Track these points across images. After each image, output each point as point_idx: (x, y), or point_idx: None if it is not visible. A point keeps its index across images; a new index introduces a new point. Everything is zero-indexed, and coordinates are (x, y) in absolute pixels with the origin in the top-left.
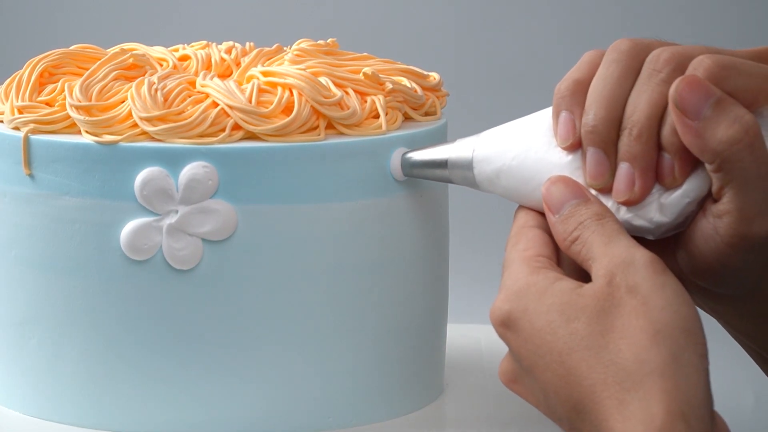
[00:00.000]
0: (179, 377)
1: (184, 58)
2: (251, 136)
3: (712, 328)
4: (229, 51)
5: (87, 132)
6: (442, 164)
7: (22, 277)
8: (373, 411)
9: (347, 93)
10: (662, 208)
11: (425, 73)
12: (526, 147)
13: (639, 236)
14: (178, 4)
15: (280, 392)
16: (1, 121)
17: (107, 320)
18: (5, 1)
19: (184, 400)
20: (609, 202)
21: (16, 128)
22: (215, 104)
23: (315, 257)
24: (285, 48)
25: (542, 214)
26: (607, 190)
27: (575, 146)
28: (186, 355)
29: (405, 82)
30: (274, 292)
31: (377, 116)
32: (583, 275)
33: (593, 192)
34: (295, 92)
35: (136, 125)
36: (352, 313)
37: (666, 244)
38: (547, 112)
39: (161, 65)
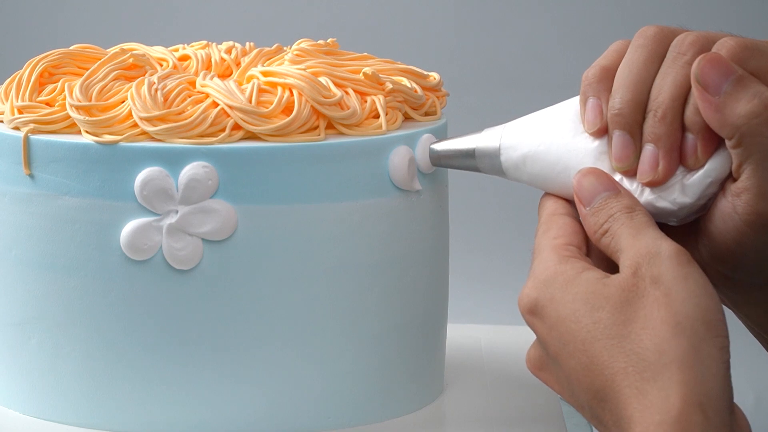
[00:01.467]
0: (179, 377)
1: (184, 58)
2: (251, 136)
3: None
4: (229, 51)
5: (87, 132)
6: (470, 154)
7: (22, 277)
8: (373, 411)
9: (347, 93)
10: (685, 188)
11: (425, 73)
12: (553, 133)
13: (662, 222)
14: (178, 4)
15: (280, 392)
16: (1, 121)
17: (107, 320)
18: (5, 1)
19: (184, 400)
20: (633, 185)
21: (16, 128)
22: (215, 104)
23: (315, 257)
24: (285, 48)
25: (569, 201)
26: (632, 172)
27: (602, 131)
28: (186, 355)
29: (405, 82)
30: (274, 292)
31: (377, 116)
32: (611, 266)
33: (618, 176)
34: (295, 92)
35: (136, 125)
36: (352, 313)
37: (688, 232)
38: (574, 101)
39: (161, 65)
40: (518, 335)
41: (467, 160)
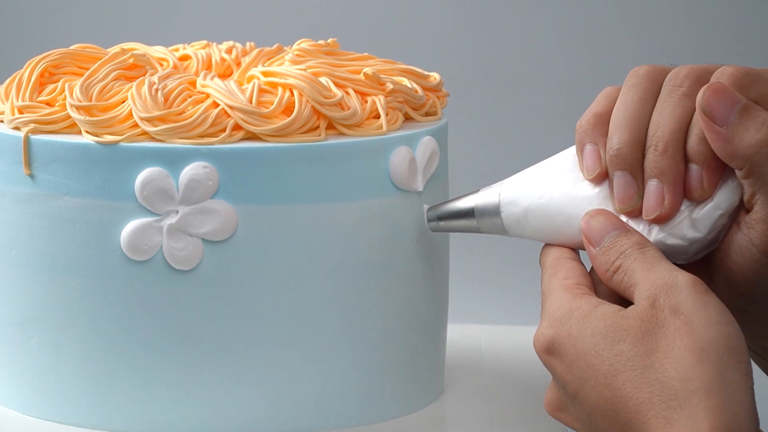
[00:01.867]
0: (179, 377)
1: (185, 58)
2: (252, 137)
3: None
4: (229, 51)
5: (87, 132)
6: (469, 213)
7: (22, 277)
8: (373, 411)
9: (348, 93)
10: (694, 223)
11: (426, 73)
12: (553, 185)
13: (673, 261)
14: (178, 4)
15: (280, 392)
16: (1, 121)
17: (107, 320)
18: (5, 1)
19: (184, 400)
20: (640, 226)
21: (17, 128)
22: (216, 104)
23: (315, 257)
24: (285, 48)
25: (573, 250)
26: (636, 213)
27: (602, 176)
28: (186, 355)
29: (405, 82)
30: (274, 293)
31: (378, 116)
32: (622, 305)
33: (624, 218)
34: (295, 92)
35: (136, 125)
36: (352, 313)
37: (699, 270)
38: (570, 151)
39: (162, 65)
40: (518, 335)
41: (466, 221)
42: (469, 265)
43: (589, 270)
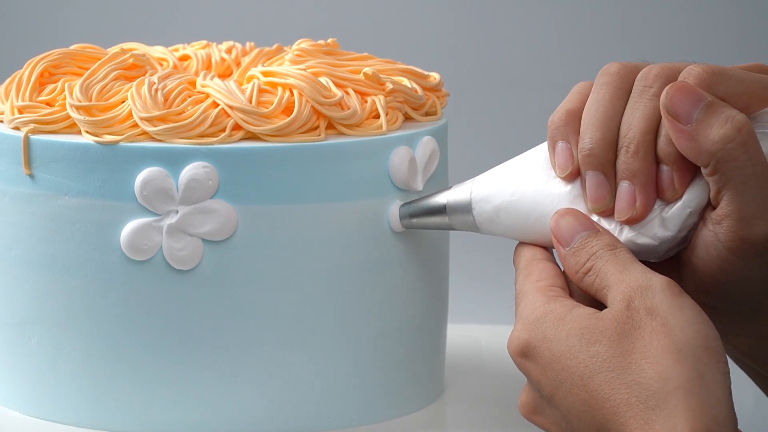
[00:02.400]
0: (179, 377)
1: (185, 58)
2: (251, 137)
3: None
4: (229, 51)
5: (87, 132)
6: (441, 210)
7: (22, 277)
8: (373, 411)
9: (347, 93)
10: (664, 222)
11: (425, 73)
12: (525, 182)
13: (644, 260)
14: (178, 4)
15: (280, 392)
16: (1, 121)
17: (107, 320)
18: (5, 1)
19: (184, 400)
20: (611, 225)
21: (16, 128)
22: (215, 104)
23: (315, 257)
24: (285, 48)
25: (546, 248)
26: (608, 212)
27: (574, 174)
28: (186, 355)
29: (405, 82)
30: (274, 293)
31: (377, 116)
32: (594, 306)
33: (595, 217)
34: (295, 92)
35: (136, 125)
36: (352, 313)
37: (668, 269)
38: (542, 148)
39: (161, 65)
40: None
41: (438, 218)
42: (469, 265)
43: (563, 270)
